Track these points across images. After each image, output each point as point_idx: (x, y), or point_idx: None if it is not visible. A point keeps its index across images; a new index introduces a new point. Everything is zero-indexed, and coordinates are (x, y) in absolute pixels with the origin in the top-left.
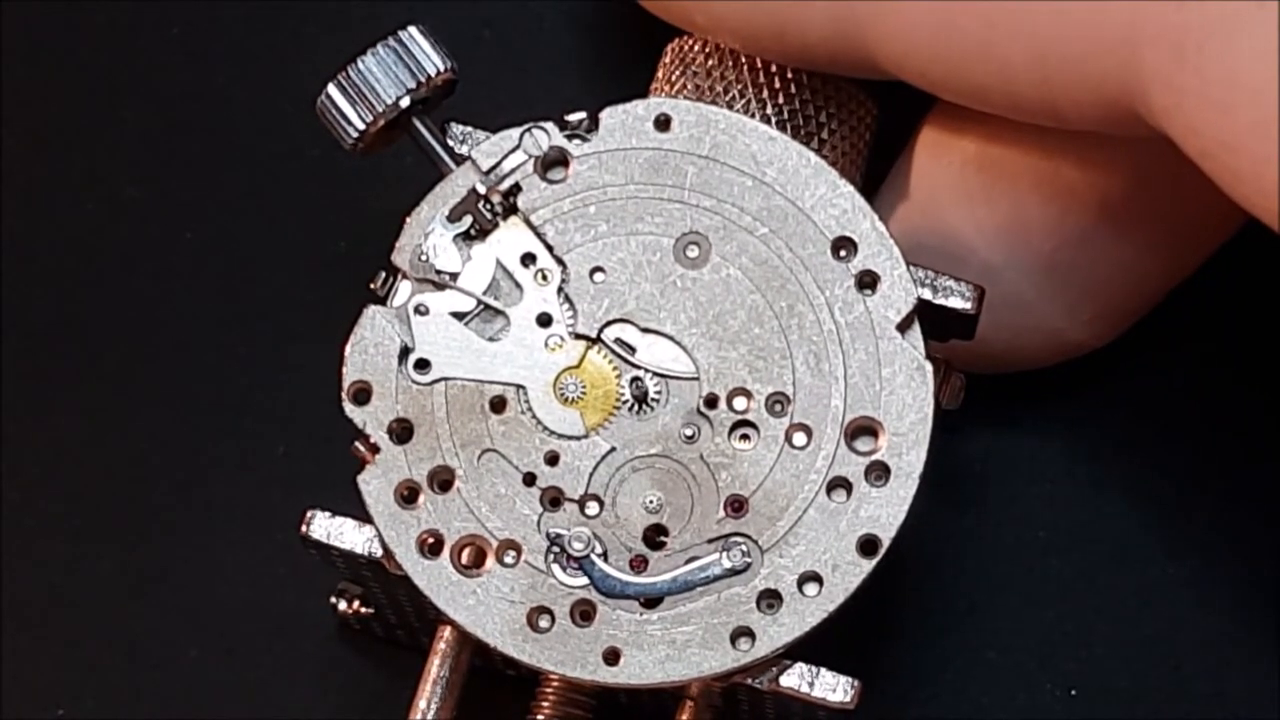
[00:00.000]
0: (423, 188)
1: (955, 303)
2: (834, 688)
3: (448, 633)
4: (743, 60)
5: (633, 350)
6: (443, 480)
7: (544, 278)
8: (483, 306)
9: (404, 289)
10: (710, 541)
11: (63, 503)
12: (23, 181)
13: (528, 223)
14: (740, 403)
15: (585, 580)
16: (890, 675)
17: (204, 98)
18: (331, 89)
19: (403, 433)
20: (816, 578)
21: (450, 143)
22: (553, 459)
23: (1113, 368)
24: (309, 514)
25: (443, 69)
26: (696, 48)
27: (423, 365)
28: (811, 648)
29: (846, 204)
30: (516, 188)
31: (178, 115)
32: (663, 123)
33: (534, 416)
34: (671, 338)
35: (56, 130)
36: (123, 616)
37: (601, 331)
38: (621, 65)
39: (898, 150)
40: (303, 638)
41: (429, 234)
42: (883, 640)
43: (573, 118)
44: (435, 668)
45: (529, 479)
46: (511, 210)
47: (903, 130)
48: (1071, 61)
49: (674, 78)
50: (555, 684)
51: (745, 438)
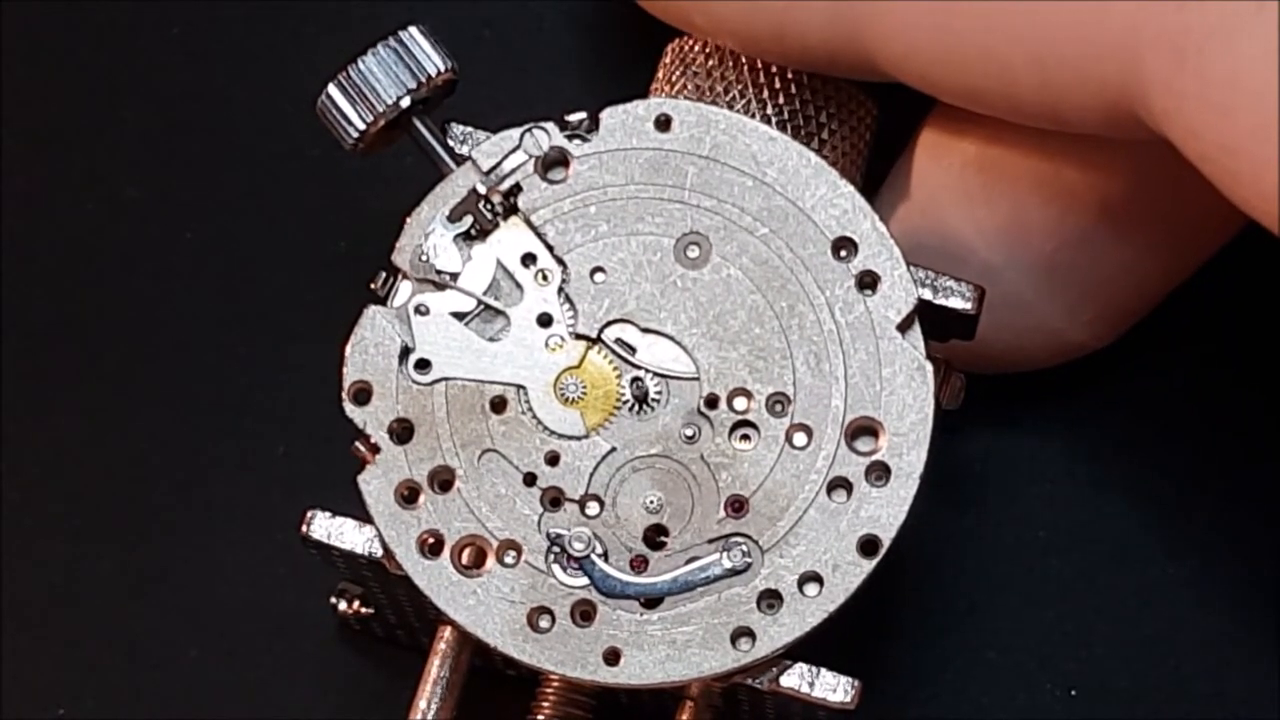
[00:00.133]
0: (423, 188)
1: (955, 303)
2: (834, 688)
3: (448, 633)
4: (743, 60)
5: (633, 350)
6: (443, 480)
7: (544, 278)
8: (483, 306)
9: (404, 289)
10: (710, 542)
11: (63, 503)
12: (23, 181)
13: (528, 223)
14: (741, 403)
15: (585, 580)
16: (890, 675)
17: (204, 98)
18: (332, 89)
19: (403, 433)
20: (817, 578)
21: (450, 143)
22: (553, 459)
23: (1113, 368)
24: (309, 514)
25: (443, 69)
26: (697, 48)
27: (423, 365)
28: (812, 648)
29: (847, 204)
30: (517, 188)
31: (178, 115)
32: (663, 123)
33: (534, 416)
34: (672, 338)
35: (56, 130)
36: (123, 616)
37: (602, 331)
38: (621, 65)
39: (898, 150)
40: (303, 638)
41: (429, 234)
42: (883, 640)
43: (573, 118)
44: (435, 668)
45: (529, 479)
46: (512, 210)
47: (903, 131)
48: (1071, 64)
49: (674, 78)
50: (555, 684)
51: (746, 438)
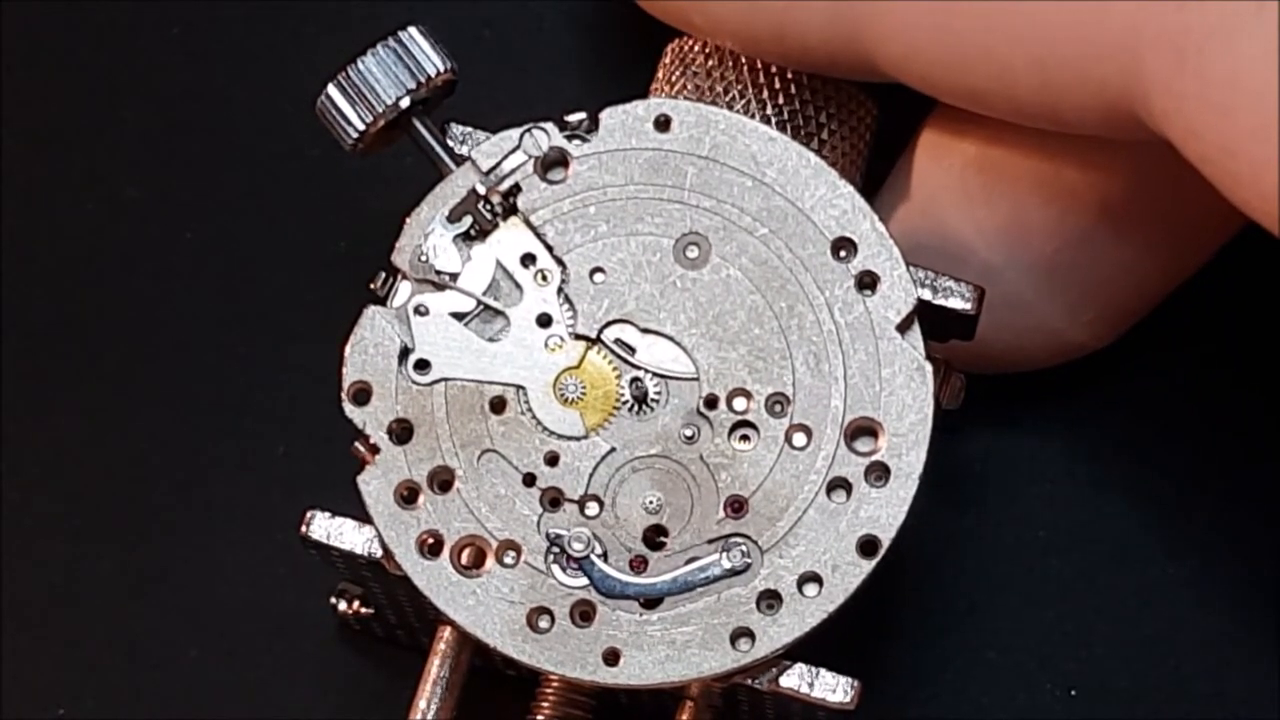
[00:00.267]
0: (423, 188)
1: (955, 303)
2: (834, 688)
3: (448, 633)
4: (743, 61)
5: (632, 351)
6: (442, 481)
7: (544, 278)
8: (483, 307)
9: (404, 289)
10: (710, 542)
11: (63, 503)
12: (23, 181)
13: (528, 223)
14: (740, 403)
15: (585, 581)
16: (890, 675)
17: (204, 98)
18: (331, 89)
19: (402, 433)
20: (816, 578)
21: (450, 143)
22: (552, 459)
23: (1113, 368)
24: (309, 514)
25: (442, 69)
26: (696, 48)
27: (422, 366)
28: (811, 648)
29: (846, 204)
30: (516, 188)
31: (178, 115)
32: (662, 123)
33: (534, 417)
34: (671, 338)
35: (56, 130)
36: (123, 616)
37: (601, 332)
38: (621, 65)
39: (898, 151)
40: (303, 638)
41: (429, 234)
42: (883, 640)
43: (573, 118)
44: (435, 668)
45: (529, 479)
46: (511, 211)
47: (903, 131)
48: (1072, 65)
49: (674, 78)
50: (555, 684)
51: (745, 438)
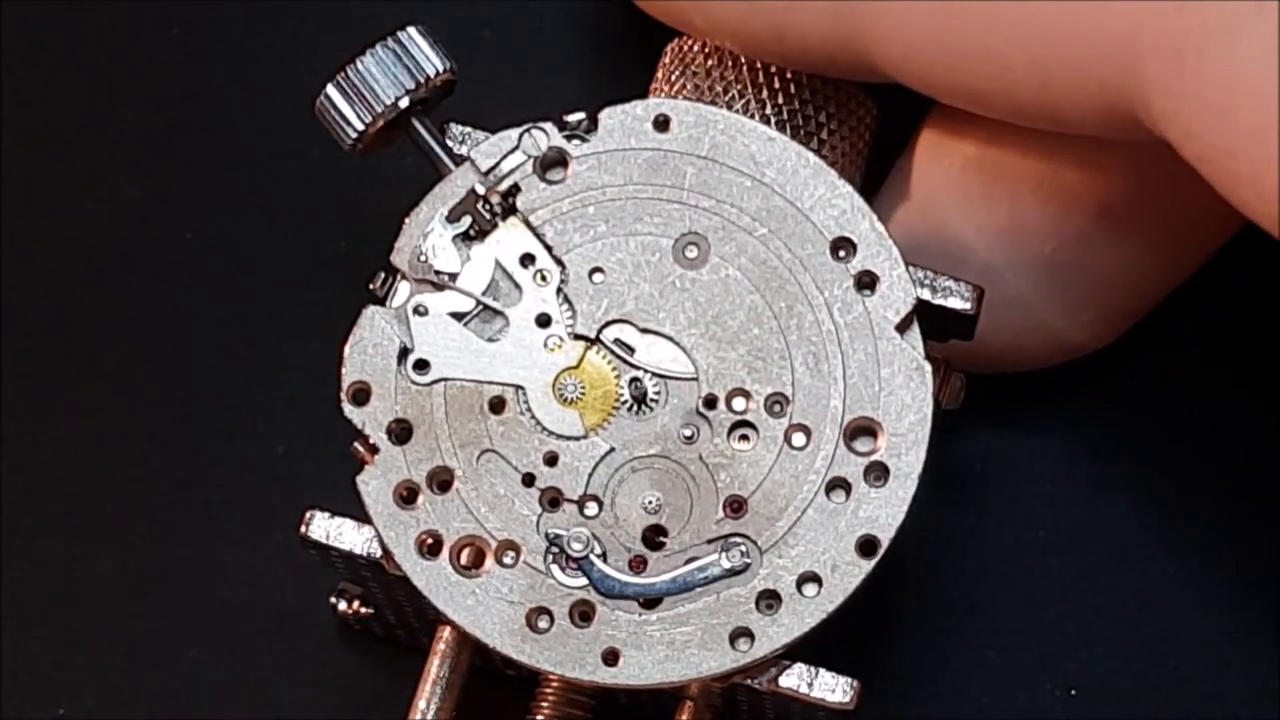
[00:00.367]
0: (422, 188)
1: (954, 303)
2: (833, 688)
3: (447, 633)
4: (742, 61)
5: (632, 351)
6: (442, 481)
7: (543, 278)
8: (482, 307)
9: (403, 289)
10: (709, 542)
11: (63, 503)
12: (23, 181)
13: (527, 223)
14: (739, 403)
15: (584, 581)
16: (890, 675)
17: (204, 98)
18: (330, 89)
19: (402, 433)
20: (815, 578)
21: (449, 143)
22: (552, 459)
23: (1113, 368)
24: (308, 514)
25: (441, 69)
26: (696, 48)
27: (422, 366)
28: (811, 648)
29: (845, 204)
30: (515, 188)
31: (178, 115)
32: (662, 123)
33: (533, 417)
34: (670, 338)
35: (56, 130)
36: (123, 616)
37: (600, 332)
38: (621, 65)
39: (898, 151)
40: (303, 638)
41: (428, 234)
42: (883, 640)
43: (572, 118)
44: (435, 668)
45: (528, 479)
46: (510, 211)
47: (903, 131)
48: (1071, 66)
49: (674, 78)
50: (555, 684)
51: (744, 438)
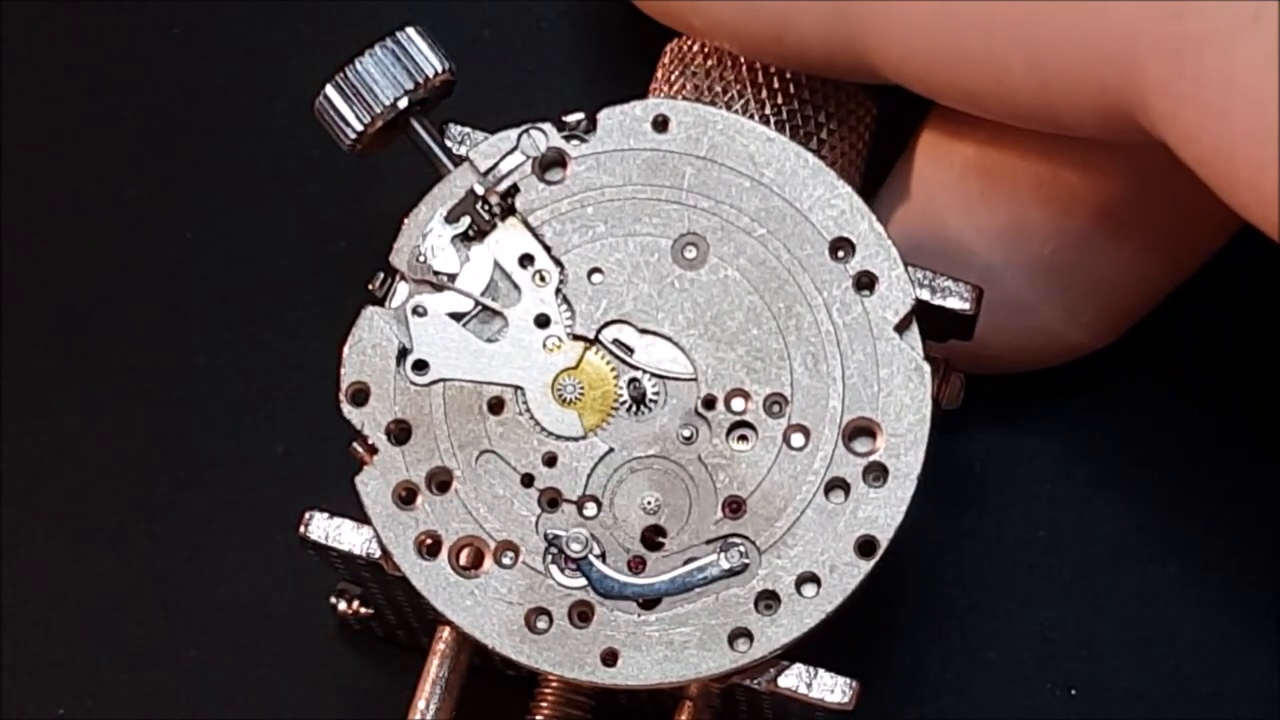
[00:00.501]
0: (422, 188)
1: (953, 303)
2: (832, 688)
3: (447, 633)
4: (742, 61)
5: (631, 351)
6: (441, 481)
7: (542, 279)
8: (481, 307)
9: (402, 290)
10: (708, 542)
11: (63, 503)
12: (23, 181)
13: (526, 224)
14: (738, 404)
15: (583, 581)
16: (890, 675)
17: (204, 98)
18: (329, 90)
19: (401, 434)
20: (814, 579)
21: (448, 143)
22: (551, 460)
23: (1113, 368)
24: (307, 515)
25: (440, 70)
26: (696, 48)
27: (421, 366)
28: (810, 648)
29: (844, 205)
30: (514, 189)
31: (178, 115)
32: (660, 123)
33: (532, 417)
34: (669, 339)
35: (56, 130)
36: (123, 616)
37: (599, 332)
38: (621, 65)
39: (898, 151)
40: (303, 638)
41: (427, 235)
42: (883, 640)
43: (571, 118)
44: (435, 668)
45: (527, 480)
46: (509, 211)
47: (903, 131)
48: (1070, 68)
49: (673, 78)
50: (554, 684)
51: (743, 439)
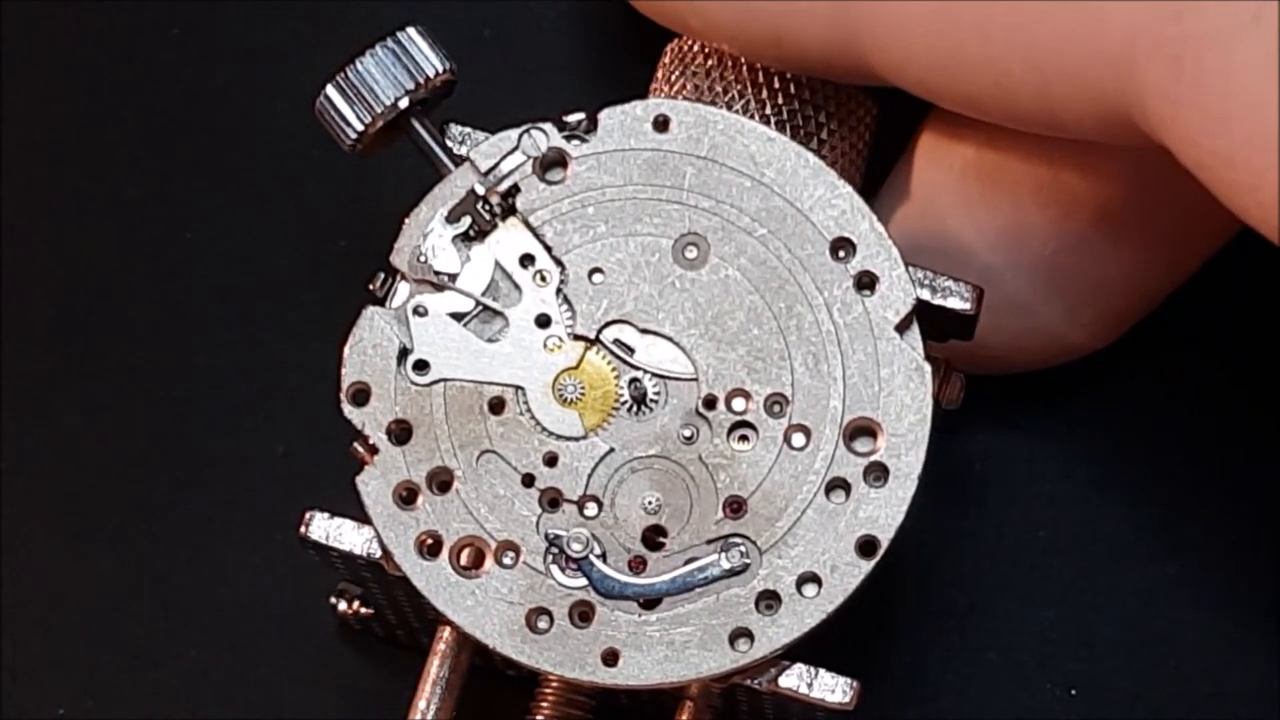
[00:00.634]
0: (422, 188)
1: (954, 303)
2: (833, 688)
3: (447, 633)
4: (742, 61)
5: (631, 351)
6: (441, 481)
7: (542, 279)
8: (481, 307)
9: (403, 290)
10: (709, 542)
11: (63, 503)
12: (23, 181)
13: (526, 224)
14: (739, 403)
15: (584, 581)
16: (890, 675)
17: (204, 98)
18: (330, 90)
19: (401, 434)
20: (815, 579)
21: (449, 143)
22: (551, 460)
23: (1113, 368)
24: (308, 515)
25: (441, 70)
26: (696, 48)
27: (421, 366)
28: (811, 648)
29: (845, 205)
30: (515, 189)
31: (178, 115)
32: (661, 123)
33: (533, 417)
34: (670, 339)
35: (56, 130)
36: (123, 616)
37: (600, 332)
38: (621, 65)
39: (898, 151)
40: (303, 638)
41: (428, 235)
42: (883, 640)
43: (571, 118)
44: (435, 668)
45: (528, 480)
46: (510, 211)
47: (903, 131)
48: (1069, 73)
49: (673, 78)
50: (554, 684)
51: (744, 439)
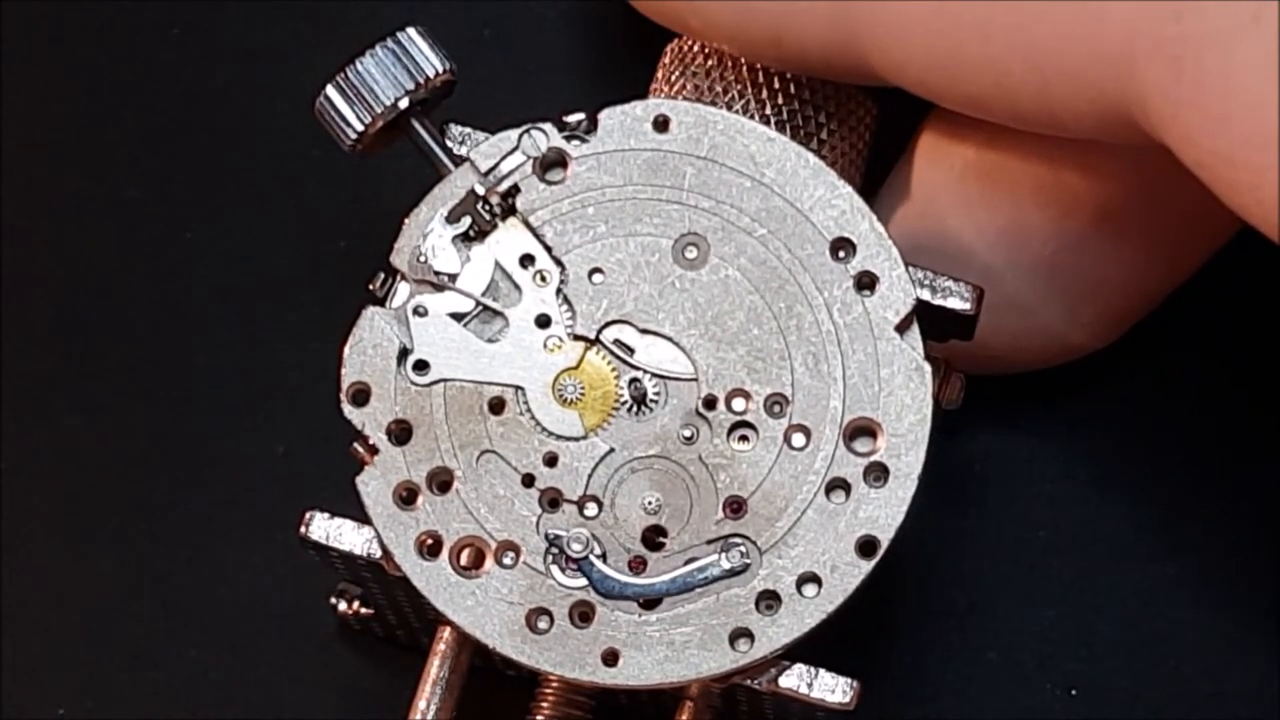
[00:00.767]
0: (422, 188)
1: (954, 303)
2: (833, 688)
3: (447, 633)
4: (742, 61)
5: (631, 351)
6: (441, 481)
7: (542, 279)
8: (481, 308)
9: (403, 290)
10: (709, 542)
11: (63, 503)
12: (23, 181)
13: (526, 224)
14: (739, 404)
15: (584, 581)
16: (890, 675)
17: (204, 98)
18: (330, 90)
19: (401, 434)
20: (815, 579)
21: (449, 144)
22: (551, 460)
23: (1112, 369)
24: (308, 515)
25: (441, 70)
26: (696, 48)
27: (421, 366)
28: (811, 648)
29: (845, 205)
30: (515, 189)
31: (178, 115)
32: (661, 124)
33: (533, 418)
34: (670, 339)
35: (56, 130)
36: (123, 616)
37: (600, 332)
38: (621, 65)
39: (898, 151)
40: (303, 638)
41: (428, 235)
42: (883, 640)
43: (571, 119)
44: (435, 668)
45: (528, 480)
46: (510, 211)
47: (903, 131)
48: (1070, 72)
49: (673, 78)
50: (554, 684)
51: (744, 439)
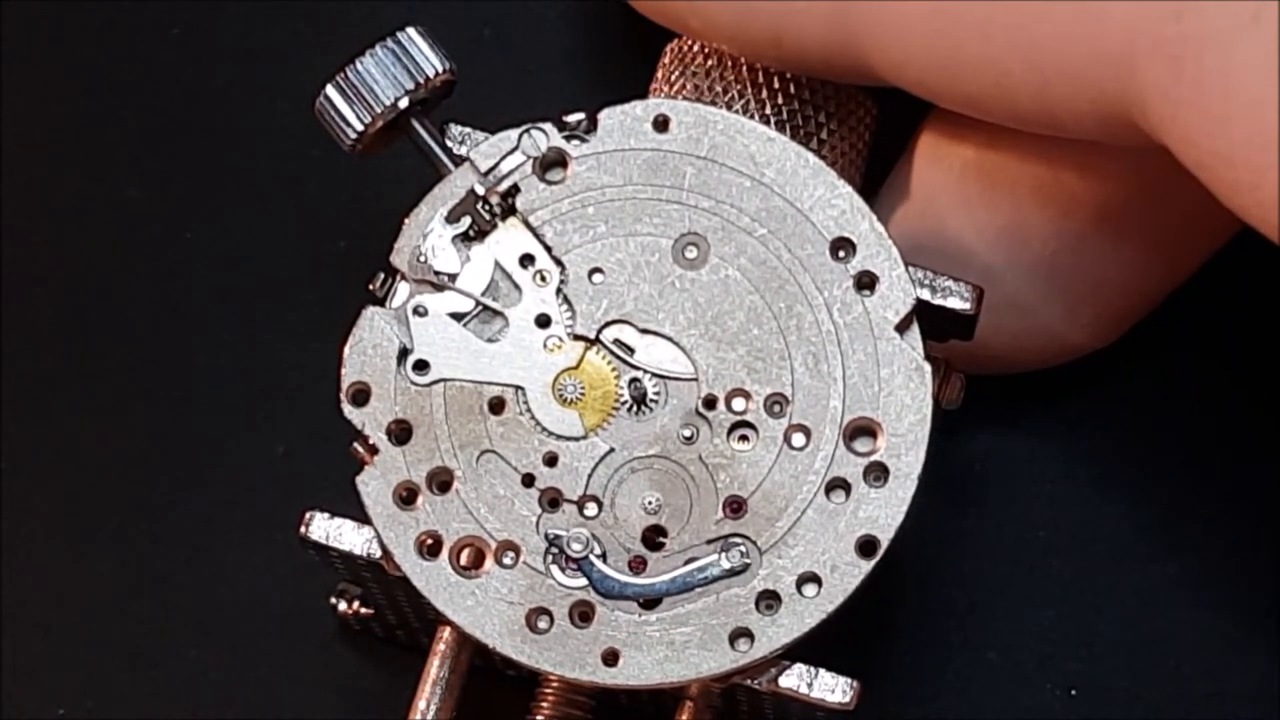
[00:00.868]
0: (422, 188)
1: (954, 303)
2: (833, 688)
3: (447, 633)
4: (742, 61)
5: (631, 351)
6: (441, 481)
7: (542, 279)
8: (481, 307)
9: (403, 290)
10: (709, 542)
11: (63, 503)
12: (23, 181)
13: (526, 224)
14: (739, 403)
15: (584, 581)
16: (890, 675)
17: (204, 98)
18: (330, 90)
19: (401, 434)
20: (815, 578)
21: (449, 144)
22: (551, 460)
23: (1112, 369)
24: (308, 515)
25: (441, 70)
26: (696, 48)
27: (421, 366)
28: (811, 648)
29: (845, 205)
30: (515, 189)
31: (178, 115)
32: (661, 123)
33: (533, 417)
34: (670, 338)
35: (56, 130)
36: (123, 616)
37: (600, 332)
38: (621, 65)
39: (898, 151)
40: (303, 638)
41: (428, 235)
42: (883, 640)
43: (571, 119)
44: (435, 668)
45: (528, 480)
46: (510, 211)
47: (903, 131)
48: (1069, 73)
49: (673, 78)
50: (555, 684)
51: (744, 439)
